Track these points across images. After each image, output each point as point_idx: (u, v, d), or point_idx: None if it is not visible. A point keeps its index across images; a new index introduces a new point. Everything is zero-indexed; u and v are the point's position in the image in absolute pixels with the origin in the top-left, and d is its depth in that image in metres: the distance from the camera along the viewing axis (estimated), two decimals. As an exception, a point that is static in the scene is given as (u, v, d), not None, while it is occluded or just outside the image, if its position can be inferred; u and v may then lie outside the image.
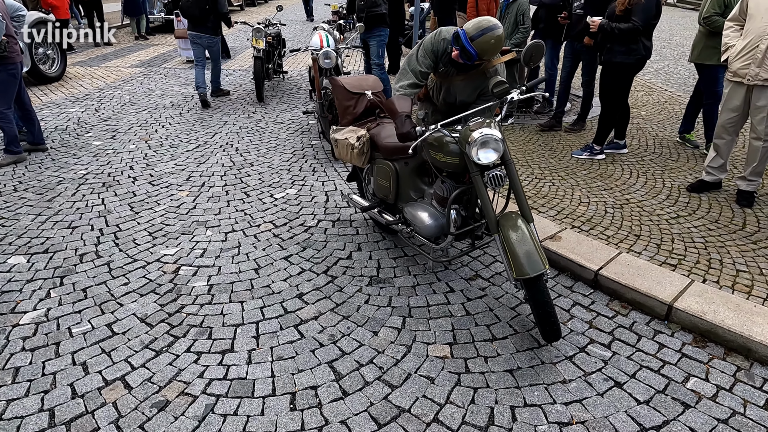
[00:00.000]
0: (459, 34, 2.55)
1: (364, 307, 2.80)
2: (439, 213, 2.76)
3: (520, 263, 2.22)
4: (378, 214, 3.26)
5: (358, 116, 3.32)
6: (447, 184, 2.70)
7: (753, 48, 3.28)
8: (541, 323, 2.29)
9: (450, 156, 2.52)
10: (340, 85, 3.31)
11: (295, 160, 4.91)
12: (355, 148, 3.09)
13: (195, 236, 3.54)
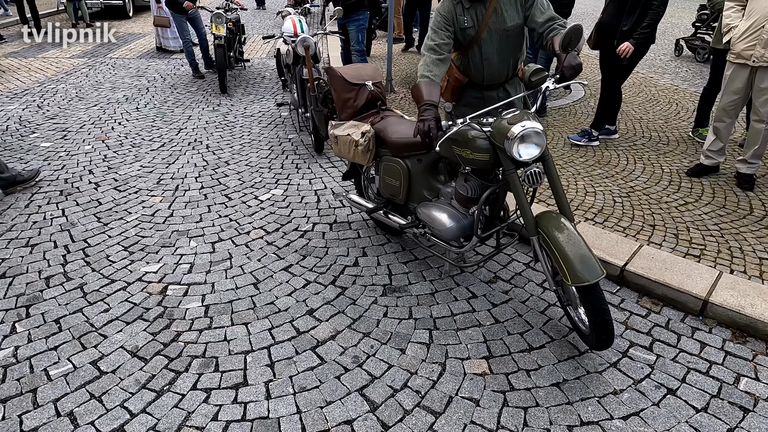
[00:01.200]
0: None
1: (383, 321, 2.55)
2: (461, 214, 2.53)
3: (574, 269, 2.00)
4: (383, 215, 3.00)
5: (359, 109, 3.02)
6: (472, 183, 2.46)
7: (758, 28, 3.21)
8: (597, 331, 2.10)
9: (479, 152, 2.27)
10: (339, 75, 3.00)
11: (274, 157, 4.55)
12: (359, 144, 2.80)
13: (178, 249, 3.16)
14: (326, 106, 3.29)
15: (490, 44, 2.52)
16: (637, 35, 3.81)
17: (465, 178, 2.49)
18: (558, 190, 2.24)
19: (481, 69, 2.61)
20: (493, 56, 2.55)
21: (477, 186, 2.45)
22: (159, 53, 8.63)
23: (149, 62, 8.05)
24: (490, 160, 2.26)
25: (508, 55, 2.57)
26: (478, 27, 2.50)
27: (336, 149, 3.01)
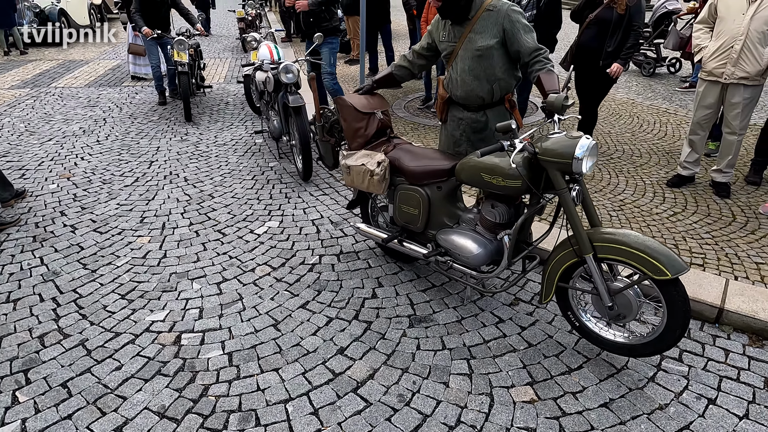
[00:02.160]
0: None
1: (418, 354, 2.49)
2: (487, 240, 2.53)
3: (662, 263, 1.98)
4: (398, 244, 2.95)
5: (370, 138, 2.98)
6: (500, 209, 2.47)
7: (728, 48, 3.46)
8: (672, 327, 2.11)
9: (511, 179, 2.28)
10: (349, 105, 2.95)
11: (260, 187, 4.40)
12: (375, 174, 2.76)
13: (181, 293, 2.97)
14: (333, 136, 3.21)
15: (463, 62, 2.66)
16: (624, 55, 4.02)
17: (492, 204, 2.50)
18: (589, 204, 2.29)
19: (457, 86, 2.74)
20: (466, 74, 2.67)
21: (505, 211, 2.47)
22: (134, 81, 8.22)
23: (99, 91, 7.64)
24: (522, 186, 2.28)
25: (481, 75, 2.64)
26: (455, 44, 2.67)
27: (348, 179, 2.95)
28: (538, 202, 2.38)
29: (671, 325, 2.12)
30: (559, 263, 2.31)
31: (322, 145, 3.24)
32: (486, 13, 2.56)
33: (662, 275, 2.00)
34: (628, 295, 2.21)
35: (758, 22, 3.32)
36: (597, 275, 2.21)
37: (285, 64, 4.28)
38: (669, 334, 2.15)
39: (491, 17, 2.55)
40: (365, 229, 3.14)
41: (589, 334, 2.42)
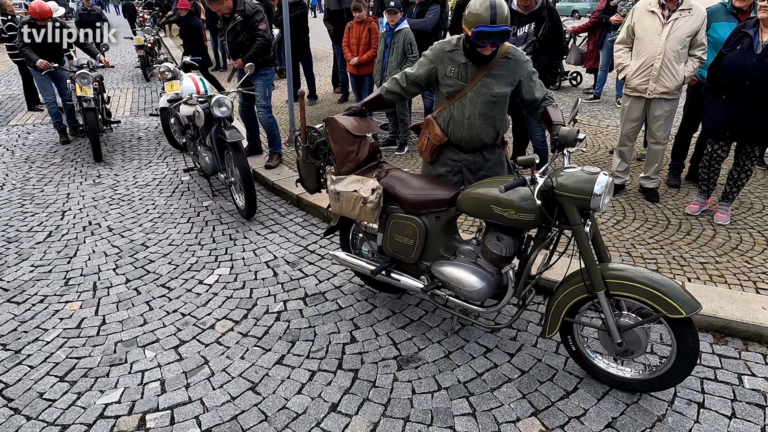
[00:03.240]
0: (476, 31, 2.30)
1: (416, 399, 2.36)
2: (489, 273, 2.42)
3: (675, 301, 2.00)
4: (385, 275, 2.78)
5: (360, 163, 2.81)
6: (506, 242, 2.37)
7: (648, 67, 3.76)
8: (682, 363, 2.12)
9: (525, 212, 2.19)
10: (341, 127, 2.73)
11: (198, 230, 4.06)
12: (369, 202, 2.57)
13: (134, 365, 2.60)
14: (317, 158, 2.96)
15: (474, 105, 2.54)
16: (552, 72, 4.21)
17: (497, 237, 2.40)
18: (599, 239, 2.27)
19: (462, 128, 2.61)
20: (475, 117, 2.57)
21: (511, 244, 2.37)
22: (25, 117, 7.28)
23: (-17, 133, 6.74)
24: (535, 220, 2.21)
25: (492, 120, 2.59)
26: (465, 84, 2.53)
27: (336, 206, 2.74)
28: (546, 235, 2.31)
29: (678, 364, 2.14)
30: (567, 298, 2.27)
31: (304, 168, 2.99)
32: (504, 60, 2.50)
33: (677, 314, 2.01)
34: (637, 332, 2.20)
35: (672, 42, 3.64)
36: (609, 312, 2.19)
37: (217, 98, 4.00)
38: (675, 373, 2.17)
39: (509, 65, 2.51)
40: (347, 258, 2.95)
41: (587, 365, 2.41)
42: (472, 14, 2.33)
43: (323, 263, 3.54)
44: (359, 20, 5.80)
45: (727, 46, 3.43)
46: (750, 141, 3.51)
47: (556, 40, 4.10)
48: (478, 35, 2.32)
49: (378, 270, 2.76)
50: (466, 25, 2.36)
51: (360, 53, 5.83)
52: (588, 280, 2.19)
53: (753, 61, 3.27)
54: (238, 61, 4.72)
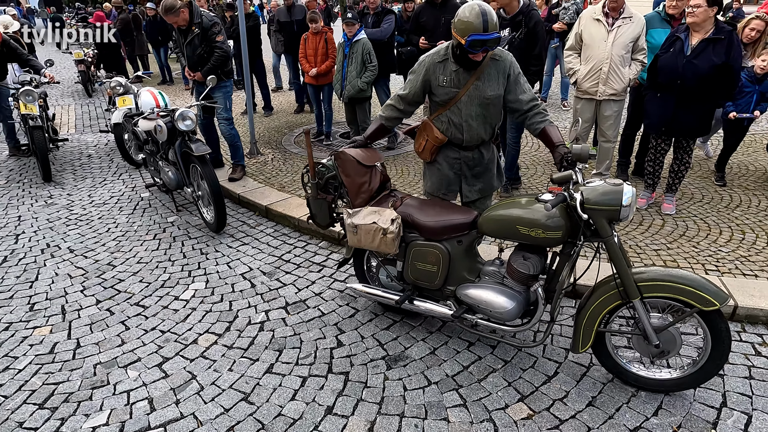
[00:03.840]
0: (470, 40, 2.34)
1: (408, 395, 2.44)
2: (517, 292, 2.44)
3: (700, 295, 2.08)
4: (408, 303, 2.74)
5: (374, 193, 2.79)
6: (533, 260, 2.39)
7: (597, 71, 4.04)
8: (716, 357, 2.19)
9: (552, 231, 2.23)
10: (352, 159, 2.69)
11: (167, 247, 3.97)
12: (389, 233, 2.54)
13: (117, 386, 2.54)
14: (328, 192, 2.95)
15: (469, 108, 2.62)
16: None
17: (523, 256, 2.42)
18: (623, 247, 2.32)
19: (461, 130, 2.68)
20: (472, 120, 2.64)
21: (538, 262, 2.40)
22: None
23: None
24: (563, 237, 2.25)
25: (488, 120, 2.69)
26: (458, 90, 2.60)
27: (354, 239, 2.70)
28: (572, 250, 2.32)
29: (715, 355, 2.20)
30: (600, 308, 2.30)
31: (315, 204, 2.91)
32: (492, 61, 2.57)
33: (711, 306, 2.08)
34: (672, 330, 2.25)
35: (617, 48, 3.93)
36: (645, 317, 2.23)
37: (181, 111, 3.95)
38: (711, 364, 2.23)
39: (498, 66, 2.57)
40: (368, 291, 2.91)
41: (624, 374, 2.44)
42: (463, 23, 2.37)
43: (300, 272, 3.57)
44: (315, 31, 5.86)
45: (663, 49, 3.76)
46: (684, 135, 3.83)
47: (532, 47, 3.95)
48: (471, 44, 2.36)
49: (402, 299, 2.73)
50: (458, 33, 2.40)
51: (318, 64, 5.89)
52: (621, 287, 2.22)
53: (683, 62, 3.58)
54: (198, 74, 4.67)
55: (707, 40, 3.49)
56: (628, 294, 2.21)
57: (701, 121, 3.71)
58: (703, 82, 3.52)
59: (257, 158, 5.76)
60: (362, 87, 5.21)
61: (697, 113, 3.68)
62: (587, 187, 2.16)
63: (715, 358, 2.22)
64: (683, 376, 2.33)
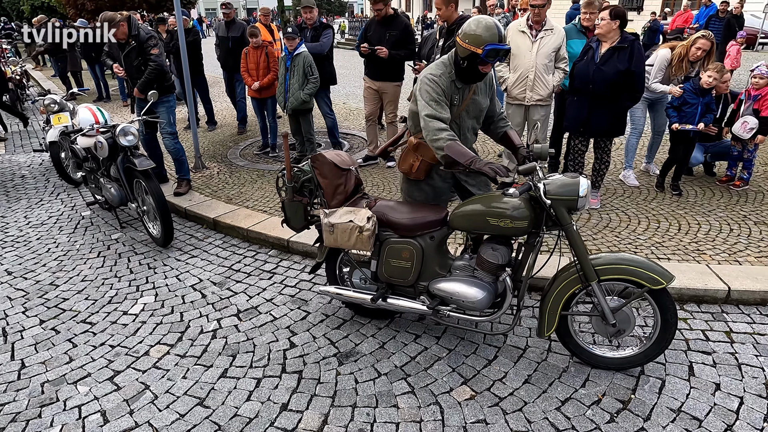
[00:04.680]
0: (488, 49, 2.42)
1: (360, 387, 2.57)
2: (487, 283, 2.61)
3: (656, 274, 2.32)
4: (383, 301, 2.83)
5: (349, 195, 2.89)
6: (501, 250, 2.57)
7: (525, 78, 4.36)
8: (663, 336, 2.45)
9: (519, 221, 2.41)
10: (329, 161, 2.80)
11: (112, 263, 3.93)
12: (365, 230, 2.64)
13: (67, 401, 2.53)
14: (304, 195, 2.96)
15: (465, 122, 2.76)
16: None
17: (492, 248, 2.58)
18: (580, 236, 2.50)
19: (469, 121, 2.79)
20: (469, 132, 2.80)
21: (506, 253, 2.57)
22: None
23: None
24: (528, 227, 2.42)
25: (477, 128, 2.87)
26: (459, 105, 2.70)
27: (330, 238, 2.76)
28: (536, 239, 2.51)
29: (664, 332, 2.45)
30: (562, 292, 2.49)
31: (290, 207, 2.95)
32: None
33: (659, 285, 2.32)
34: (626, 310, 2.47)
35: (541, 57, 4.28)
36: (602, 298, 2.44)
37: (123, 127, 3.94)
38: (665, 335, 2.46)
39: (485, 78, 2.71)
40: (341, 292, 2.98)
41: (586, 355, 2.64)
42: (476, 34, 2.43)
43: (251, 280, 3.63)
44: (255, 45, 5.94)
45: (579, 58, 4.13)
46: (599, 135, 4.21)
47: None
48: (489, 53, 2.44)
49: (377, 297, 2.83)
50: (471, 44, 2.44)
51: (260, 77, 5.97)
52: (581, 272, 2.43)
53: (593, 68, 3.96)
54: (136, 90, 4.65)
55: (613, 48, 3.88)
56: (586, 277, 2.42)
57: (613, 122, 4.08)
58: (611, 87, 3.90)
59: (202, 172, 5.75)
60: (305, 99, 5.34)
61: (609, 115, 4.05)
62: (548, 179, 2.39)
63: (665, 332, 2.47)
64: (638, 353, 2.57)
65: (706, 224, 4.12)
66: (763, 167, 5.42)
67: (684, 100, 4.47)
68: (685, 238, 3.88)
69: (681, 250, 3.70)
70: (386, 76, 5.31)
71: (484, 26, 2.45)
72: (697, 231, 4.00)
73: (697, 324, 2.98)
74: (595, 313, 2.54)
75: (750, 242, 3.80)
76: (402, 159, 2.88)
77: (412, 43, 5.19)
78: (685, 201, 4.60)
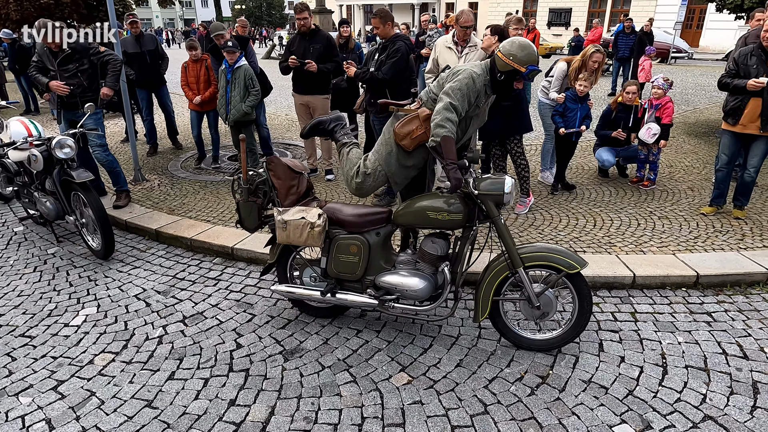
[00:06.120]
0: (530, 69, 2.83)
1: (305, 380, 2.73)
2: (428, 274, 2.84)
3: (571, 261, 2.64)
4: (331, 296, 3.00)
5: (301, 196, 3.06)
6: (440, 243, 2.83)
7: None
8: (582, 313, 2.75)
9: (455, 214, 2.70)
10: (284, 164, 3.01)
11: (50, 278, 3.88)
12: (316, 226, 2.82)
13: (9, 412, 2.53)
14: (258, 197, 3.08)
15: (475, 124, 3.14)
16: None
17: (432, 241, 2.84)
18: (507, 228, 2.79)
19: (459, 140, 3.07)
20: (473, 129, 3.17)
21: (444, 245, 2.85)
22: None
23: None
24: (463, 219, 2.72)
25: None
26: (477, 109, 3.03)
27: (283, 234, 2.91)
28: (470, 233, 2.79)
29: (582, 309, 2.75)
30: (493, 279, 2.78)
31: (245, 208, 3.06)
32: None
33: (574, 269, 2.64)
34: (548, 294, 2.77)
35: (466, 71, 4.63)
36: (528, 283, 2.73)
37: (59, 139, 3.91)
38: (582, 317, 2.77)
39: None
40: (292, 290, 3.11)
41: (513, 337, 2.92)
42: (524, 54, 2.81)
43: (196, 287, 3.70)
44: (195, 59, 5.99)
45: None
46: (500, 137, 4.64)
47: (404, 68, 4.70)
48: (530, 73, 2.84)
49: (326, 290, 2.99)
50: (517, 62, 2.80)
51: (201, 90, 6.01)
52: (509, 260, 2.72)
53: None
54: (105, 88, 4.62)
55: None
56: (513, 264, 2.72)
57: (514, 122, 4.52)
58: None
59: (142, 184, 5.71)
60: (247, 110, 5.44)
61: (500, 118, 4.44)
62: (481, 179, 2.72)
63: (582, 313, 2.77)
64: (560, 333, 2.87)
65: (617, 220, 4.58)
66: (668, 169, 6.05)
67: (566, 107, 5.02)
68: (600, 233, 4.31)
69: (595, 243, 4.12)
70: (313, 89, 5.41)
71: (530, 49, 2.83)
72: (610, 226, 4.45)
73: (607, 307, 3.36)
74: (522, 297, 2.83)
75: (654, 234, 4.28)
76: (404, 123, 3.06)
77: (337, 56, 5.41)
78: (600, 200, 5.08)
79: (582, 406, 2.51)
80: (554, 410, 2.49)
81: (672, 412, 2.46)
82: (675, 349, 2.92)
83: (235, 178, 3.14)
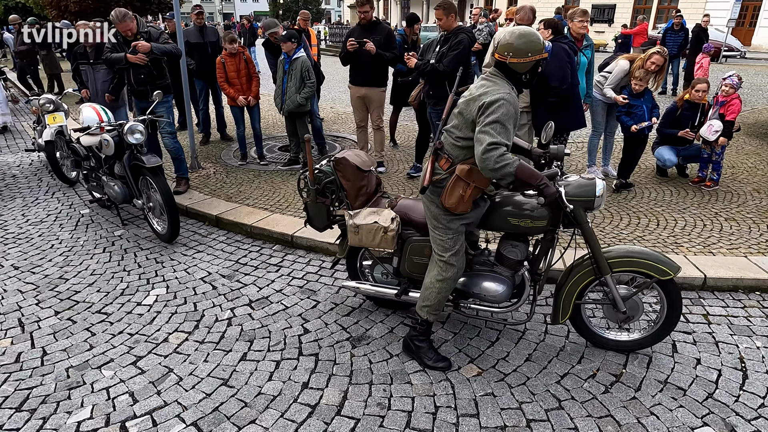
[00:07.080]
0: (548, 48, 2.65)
1: (374, 367, 2.75)
2: (506, 277, 2.74)
3: (658, 267, 2.52)
4: (405, 294, 2.95)
5: (371, 195, 3.01)
6: (520, 247, 2.70)
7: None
8: (668, 324, 2.67)
9: (539, 220, 2.54)
10: (352, 164, 2.88)
11: (119, 258, 4.02)
12: (390, 231, 2.74)
13: (95, 384, 2.64)
14: (326, 197, 3.02)
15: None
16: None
17: (512, 244, 2.70)
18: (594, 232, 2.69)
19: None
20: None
21: (525, 249, 2.71)
22: None
23: None
24: (547, 225, 2.56)
25: None
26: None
27: (355, 239, 2.85)
28: (552, 236, 2.63)
29: (670, 316, 2.65)
30: (577, 283, 2.67)
31: (314, 208, 3.04)
32: None
33: (667, 276, 2.51)
34: (635, 299, 2.67)
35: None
36: (614, 288, 2.62)
37: (131, 125, 4.04)
38: (669, 324, 2.68)
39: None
40: (365, 287, 3.10)
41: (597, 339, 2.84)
42: (534, 40, 2.32)
43: (258, 273, 3.78)
44: (232, 52, 5.73)
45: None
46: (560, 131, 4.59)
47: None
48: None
49: (401, 292, 2.94)
50: (535, 53, 2.32)
51: (243, 85, 5.86)
52: (594, 265, 2.61)
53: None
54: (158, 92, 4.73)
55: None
56: (600, 270, 2.60)
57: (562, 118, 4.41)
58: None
59: (199, 172, 5.85)
60: (301, 102, 5.50)
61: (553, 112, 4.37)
62: (566, 181, 2.52)
63: (670, 319, 2.68)
64: (645, 336, 2.78)
65: (681, 220, 4.44)
66: (730, 170, 5.83)
67: (630, 104, 4.88)
68: (664, 233, 4.19)
69: (660, 243, 4.01)
70: (371, 81, 5.36)
71: (530, 32, 2.34)
72: (674, 226, 4.32)
73: (677, 308, 3.26)
74: (606, 302, 2.72)
75: (722, 236, 4.13)
76: (448, 193, 2.47)
77: (396, 48, 5.38)
78: (661, 200, 4.93)
79: (660, 406, 2.46)
80: (631, 409, 2.44)
81: (756, 418, 2.38)
82: (754, 354, 2.82)
83: (301, 177, 3.06)
